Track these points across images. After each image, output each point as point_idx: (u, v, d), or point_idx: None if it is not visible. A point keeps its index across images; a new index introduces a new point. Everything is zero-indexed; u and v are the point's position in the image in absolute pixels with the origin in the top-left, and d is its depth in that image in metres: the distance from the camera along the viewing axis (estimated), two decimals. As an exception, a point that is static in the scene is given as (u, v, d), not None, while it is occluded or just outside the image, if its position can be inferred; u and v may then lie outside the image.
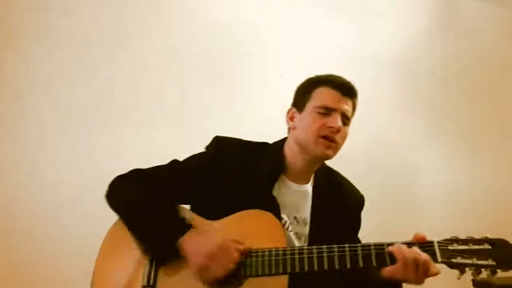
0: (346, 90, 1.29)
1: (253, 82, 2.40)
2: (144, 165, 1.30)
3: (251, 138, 1.38)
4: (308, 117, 1.28)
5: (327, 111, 1.26)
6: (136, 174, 1.26)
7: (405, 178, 2.67)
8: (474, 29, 2.96)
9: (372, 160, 2.55)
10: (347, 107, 1.28)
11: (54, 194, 1.96)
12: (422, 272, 1.04)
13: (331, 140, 1.25)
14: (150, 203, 1.19)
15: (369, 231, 1.39)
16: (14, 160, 1.95)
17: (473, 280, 2.19)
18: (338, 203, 1.33)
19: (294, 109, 1.34)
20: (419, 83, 2.79)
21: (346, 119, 1.29)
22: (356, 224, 1.40)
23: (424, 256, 1.05)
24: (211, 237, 1.12)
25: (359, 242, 1.18)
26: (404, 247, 1.07)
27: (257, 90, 2.39)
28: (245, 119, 2.29)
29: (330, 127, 1.24)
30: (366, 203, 1.42)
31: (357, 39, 2.67)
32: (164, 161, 1.32)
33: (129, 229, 1.19)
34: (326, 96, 1.28)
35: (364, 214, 1.42)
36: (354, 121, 2.65)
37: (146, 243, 1.16)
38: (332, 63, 2.24)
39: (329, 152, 1.26)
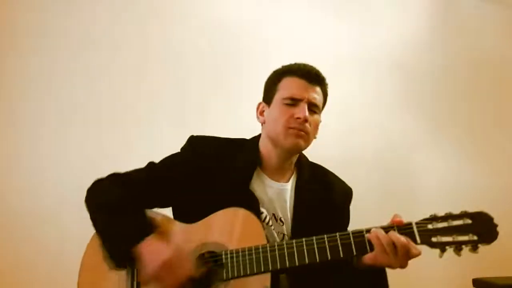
0: (312, 77, 1.27)
1: (253, 82, 2.39)
2: (143, 165, 1.29)
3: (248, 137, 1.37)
4: (275, 110, 1.26)
5: (293, 102, 1.24)
6: (111, 177, 1.25)
7: (407, 178, 2.66)
8: (474, 29, 2.96)
9: (373, 160, 2.54)
10: (314, 95, 1.26)
11: (54, 194, 1.96)
12: (402, 255, 1.03)
13: (300, 130, 1.23)
14: (117, 206, 1.17)
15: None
16: (14, 160, 1.95)
17: (473, 280, 2.19)
18: (324, 200, 1.30)
19: (263, 103, 1.33)
20: (420, 83, 2.79)
21: (314, 107, 1.26)
22: (344, 219, 1.36)
23: (403, 239, 1.03)
24: (168, 245, 1.09)
25: None
26: (381, 231, 1.06)
27: (257, 90, 2.38)
28: (245, 119, 2.28)
29: (297, 118, 1.22)
30: (368, 204, 1.41)
31: (357, 39, 2.67)
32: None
33: (96, 231, 1.18)
34: (292, 86, 1.25)
35: (365, 214, 1.40)
36: (355, 121, 2.66)
37: (106, 246, 1.14)
38: (332, 63, 2.24)
39: (300, 142, 1.23)
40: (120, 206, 1.17)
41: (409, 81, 2.76)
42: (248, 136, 1.37)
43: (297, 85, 1.25)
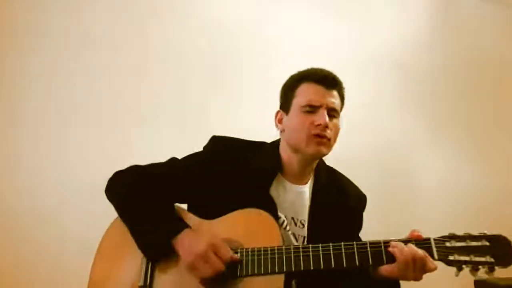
0: (329, 82, 1.27)
1: (254, 82, 2.40)
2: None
3: (251, 138, 1.37)
4: (295, 118, 1.26)
5: (312, 109, 1.24)
6: (135, 170, 1.27)
7: (407, 178, 2.66)
8: (474, 29, 2.96)
9: (374, 160, 2.54)
10: (332, 99, 1.26)
11: (54, 194, 1.96)
12: (419, 268, 1.04)
13: (322, 137, 1.23)
14: (146, 199, 1.19)
15: (372, 232, 1.38)
16: (14, 160, 1.95)
17: (474, 281, 2.19)
18: (340, 204, 1.31)
19: (281, 111, 1.33)
20: (420, 83, 2.79)
21: (333, 112, 1.26)
22: (358, 224, 1.38)
23: (421, 252, 1.05)
24: (203, 236, 1.12)
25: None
26: (402, 245, 1.07)
27: (257, 90, 2.38)
28: (245, 119, 2.28)
29: (318, 124, 1.22)
30: (368, 204, 1.41)
31: (357, 39, 2.67)
32: (165, 159, 1.32)
33: (125, 224, 1.19)
34: (310, 93, 1.25)
35: (366, 215, 1.41)
36: (354, 121, 2.66)
37: (140, 240, 1.16)
38: (332, 63, 2.23)
39: (322, 148, 1.24)
40: (151, 200, 1.19)
41: (409, 81, 2.77)
42: (248, 136, 1.37)
43: (315, 92, 1.25)
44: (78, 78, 2.09)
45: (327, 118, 1.22)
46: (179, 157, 1.33)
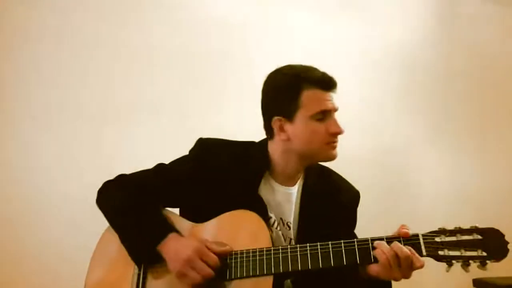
0: (331, 84, 1.23)
1: (253, 82, 2.39)
2: (141, 166, 1.30)
3: (247, 138, 1.36)
4: (305, 127, 1.21)
5: (323, 116, 1.21)
6: (122, 179, 1.27)
7: (408, 178, 2.66)
8: (474, 29, 2.96)
9: (375, 160, 2.54)
10: (334, 100, 1.23)
11: (55, 193, 1.97)
12: (405, 267, 1.02)
13: (335, 142, 1.23)
14: (133, 207, 1.19)
15: (372, 232, 1.38)
16: (13, 159, 1.96)
17: (473, 280, 2.19)
18: (332, 202, 1.29)
19: (281, 118, 1.23)
20: (419, 83, 2.78)
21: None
22: (351, 221, 1.36)
23: (405, 249, 1.03)
24: (189, 242, 1.11)
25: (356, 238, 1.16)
26: (385, 245, 1.05)
27: (257, 90, 2.38)
28: (245, 120, 2.28)
29: (335, 133, 1.21)
30: (366, 203, 1.41)
31: (358, 40, 2.67)
32: (160, 161, 1.31)
33: (116, 233, 1.19)
34: (318, 100, 1.21)
35: (364, 213, 1.39)
36: (353, 120, 2.65)
37: (128, 247, 1.16)
38: (334, 64, 2.23)
39: (335, 152, 1.24)
40: (138, 206, 1.19)
41: (409, 81, 2.76)
42: (248, 136, 1.37)
43: (323, 98, 1.21)
44: (78, 78, 2.10)
45: (340, 124, 1.22)
46: (174, 157, 1.32)
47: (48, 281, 1.88)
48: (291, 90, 1.22)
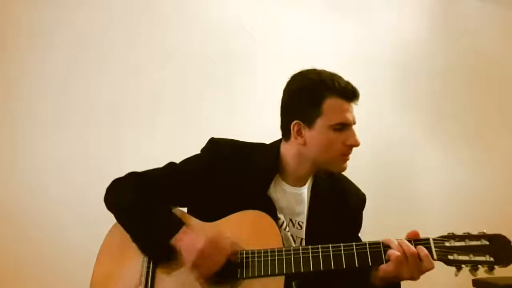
0: (354, 96, 1.23)
1: (253, 82, 2.40)
2: (144, 166, 1.31)
3: (251, 139, 1.37)
4: (322, 136, 1.21)
5: (342, 127, 1.21)
6: (132, 177, 1.27)
7: (408, 178, 2.67)
8: (474, 29, 2.96)
9: (374, 160, 2.54)
10: (354, 112, 1.24)
11: (55, 194, 1.97)
12: (413, 265, 1.04)
13: (349, 155, 1.24)
14: (144, 204, 1.20)
15: (372, 232, 1.39)
16: (13, 159, 1.96)
17: (473, 280, 2.19)
18: (339, 204, 1.31)
19: (301, 123, 1.23)
20: (419, 83, 2.79)
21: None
22: (357, 224, 1.38)
23: (413, 249, 1.05)
24: (201, 234, 1.12)
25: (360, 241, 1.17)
26: (395, 241, 1.07)
27: (257, 90, 2.39)
28: (245, 120, 2.29)
29: (352, 145, 1.21)
30: (368, 204, 1.41)
31: (357, 39, 2.67)
32: (164, 161, 1.32)
33: (126, 232, 1.20)
34: (340, 111, 1.20)
35: (366, 214, 1.41)
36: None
37: (141, 244, 1.17)
38: (332, 63, 2.23)
39: (346, 165, 1.25)
40: (148, 204, 1.20)
41: (409, 81, 2.77)
42: (248, 137, 1.37)
43: (345, 109, 1.21)
44: (78, 78, 2.10)
45: (358, 137, 1.22)
46: (178, 157, 1.33)
47: (56, 279, 1.89)
48: (314, 96, 1.21)
